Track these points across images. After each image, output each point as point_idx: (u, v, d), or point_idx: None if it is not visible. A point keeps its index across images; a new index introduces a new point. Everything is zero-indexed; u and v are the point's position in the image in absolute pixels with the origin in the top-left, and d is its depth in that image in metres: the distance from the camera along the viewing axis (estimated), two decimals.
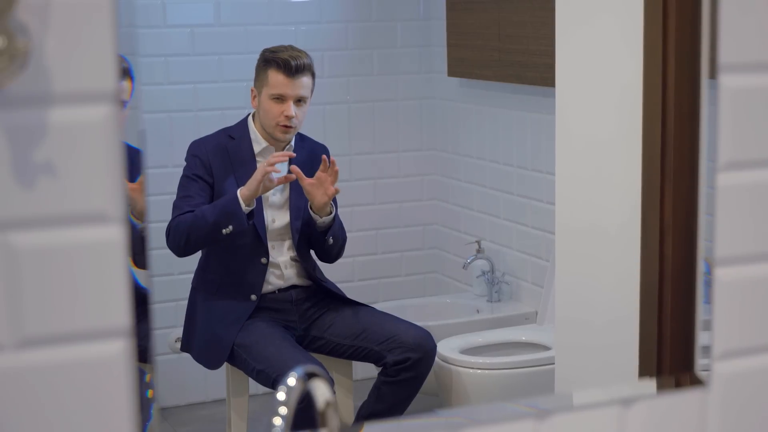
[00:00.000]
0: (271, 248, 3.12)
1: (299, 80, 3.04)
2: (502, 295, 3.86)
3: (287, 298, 3.15)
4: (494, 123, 3.87)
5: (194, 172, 3.06)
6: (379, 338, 3.09)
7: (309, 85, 3.07)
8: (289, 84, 3.03)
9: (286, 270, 3.15)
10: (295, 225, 3.10)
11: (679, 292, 1.43)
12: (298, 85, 3.04)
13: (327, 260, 3.19)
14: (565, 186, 1.89)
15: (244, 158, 3.09)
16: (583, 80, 1.82)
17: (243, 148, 3.10)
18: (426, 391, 3.12)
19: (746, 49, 1.32)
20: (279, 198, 3.13)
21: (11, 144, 1.00)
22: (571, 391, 1.82)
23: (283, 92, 3.04)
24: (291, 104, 3.03)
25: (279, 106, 3.04)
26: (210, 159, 3.07)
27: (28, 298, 1.02)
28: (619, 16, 1.68)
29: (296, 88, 3.04)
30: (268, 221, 3.11)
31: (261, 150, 3.10)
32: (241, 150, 3.09)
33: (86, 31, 1.01)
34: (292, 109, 3.03)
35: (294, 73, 3.03)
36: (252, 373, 3.03)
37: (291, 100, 3.03)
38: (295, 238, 3.11)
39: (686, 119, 1.40)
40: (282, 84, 3.03)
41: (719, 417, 1.38)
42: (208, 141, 3.12)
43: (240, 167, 3.07)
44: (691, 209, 1.40)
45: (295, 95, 3.04)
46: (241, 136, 3.11)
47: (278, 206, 3.12)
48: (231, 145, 3.10)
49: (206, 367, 3.15)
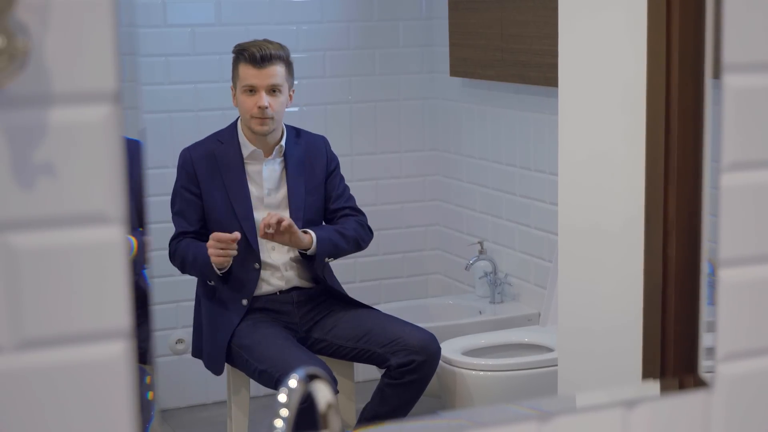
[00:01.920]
0: (270, 249, 3.11)
1: (268, 69, 3.04)
2: (505, 296, 3.86)
3: (288, 300, 3.15)
4: (497, 123, 3.86)
5: (182, 185, 3.11)
6: (382, 340, 3.07)
7: (282, 74, 3.06)
8: (257, 74, 3.04)
9: (287, 272, 3.14)
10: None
11: (683, 293, 1.42)
12: (267, 74, 3.04)
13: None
14: (567, 187, 1.88)
15: (233, 163, 3.10)
16: (586, 80, 1.81)
17: (231, 153, 3.10)
18: (428, 392, 3.11)
19: (750, 49, 1.32)
20: (275, 198, 3.12)
21: (11, 144, 0.99)
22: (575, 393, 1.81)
23: (252, 83, 3.04)
24: (263, 94, 3.04)
25: (252, 98, 3.05)
26: (196, 168, 3.08)
27: (27, 299, 1.02)
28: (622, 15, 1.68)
29: (265, 78, 3.04)
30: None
31: (249, 153, 3.10)
32: (229, 154, 3.10)
33: (86, 30, 1.01)
34: (264, 99, 3.03)
35: (261, 63, 3.04)
36: (254, 374, 3.02)
37: (262, 90, 3.04)
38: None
39: (690, 119, 1.39)
40: (251, 75, 3.05)
41: (723, 419, 1.38)
42: (197, 148, 3.13)
43: (228, 172, 3.08)
44: (695, 210, 1.40)
45: (265, 85, 3.04)
46: (230, 139, 3.12)
47: (275, 206, 3.11)
48: (219, 150, 3.11)
49: (213, 374, 3.15)
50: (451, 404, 3.16)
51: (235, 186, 3.07)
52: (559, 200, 1.91)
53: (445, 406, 3.19)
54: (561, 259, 1.91)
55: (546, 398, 1.53)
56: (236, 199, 3.07)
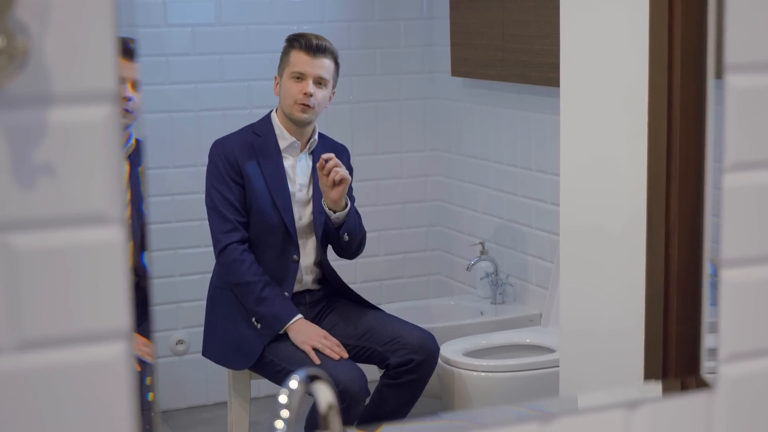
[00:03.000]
0: (302, 247, 3.11)
1: (320, 60, 3.05)
2: (506, 297, 3.85)
3: (301, 302, 3.15)
4: (498, 123, 3.86)
5: (225, 174, 3.05)
6: (383, 339, 3.08)
7: (331, 69, 3.07)
8: (309, 62, 3.04)
9: (306, 276, 3.14)
10: (318, 219, 3.09)
11: (685, 294, 1.42)
12: (319, 65, 3.05)
13: (347, 256, 3.18)
14: (569, 187, 1.88)
15: (271, 154, 3.08)
16: (587, 80, 1.81)
17: (269, 145, 3.09)
18: (429, 393, 3.11)
19: (753, 49, 1.31)
20: (304, 194, 3.12)
21: (10, 144, 0.99)
22: (576, 394, 1.81)
23: (303, 70, 3.04)
24: (310, 82, 3.03)
25: (298, 85, 3.04)
26: (237, 157, 3.05)
27: (27, 299, 1.02)
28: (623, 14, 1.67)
29: (316, 68, 3.04)
30: (295, 218, 3.09)
31: (287, 146, 3.09)
32: (267, 146, 3.08)
33: (86, 30, 1.00)
34: (311, 86, 3.03)
35: (315, 52, 3.04)
36: (280, 374, 2.99)
37: (310, 79, 3.04)
38: (318, 233, 3.10)
39: (692, 120, 1.39)
40: (303, 62, 3.04)
41: (725, 420, 1.37)
42: (232, 139, 3.10)
43: (267, 163, 3.06)
44: (697, 210, 1.39)
45: (315, 74, 3.04)
46: (266, 132, 3.10)
47: (304, 202, 3.11)
48: (257, 142, 3.09)
49: (234, 369, 3.13)
50: (452, 405, 3.15)
51: (275, 177, 3.06)
52: (561, 201, 1.90)
53: (446, 407, 3.18)
54: (563, 259, 1.91)
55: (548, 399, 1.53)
56: (275, 191, 3.06)
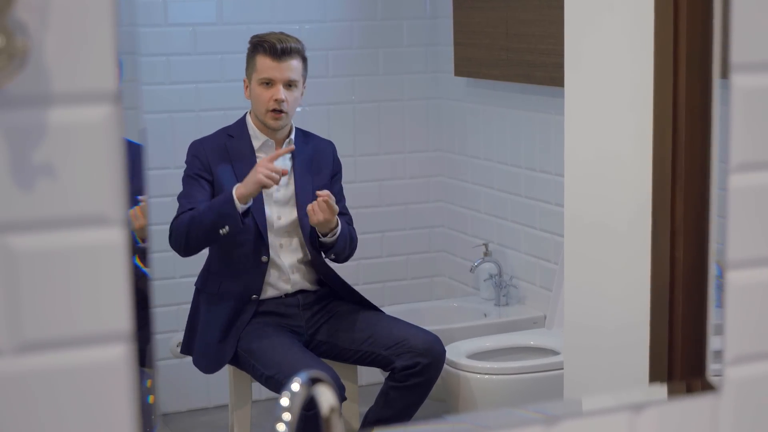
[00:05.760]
0: (278, 247, 3.10)
1: (286, 63, 3.03)
2: (510, 298, 3.85)
3: (294, 303, 3.14)
4: (502, 123, 3.85)
5: (194, 172, 3.06)
6: (387, 343, 3.06)
7: (299, 69, 3.05)
8: (276, 67, 3.02)
9: (293, 275, 3.13)
10: (304, 220, 3.07)
11: (691, 295, 1.41)
12: (286, 67, 3.03)
13: (335, 261, 3.18)
14: (573, 188, 1.87)
15: (244, 154, 3.08)
16: (592, 80, 1.80)
17: (242, 145, 3.09)
18: (433, 396, 3.10)
19: (759, 48, 1.31)
20: (284, 193, 3.10)
21: (10, 145, 0.99)
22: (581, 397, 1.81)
23: (271, 76, 3.02)
24: (280, 88, 3.02)
25: (268, 91, 3.03)
26: (209, 157, 3.06)
27: (27, 301, 1.01)
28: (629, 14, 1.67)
29: (284, 71, 3.03)
30: (273, 218, 3.08)
31: (260, 145, 3.09)
32: (240, 147, 3.08)
33: (86, 30, 1.00)
34: (281, 92, 3.02)
35: (281, 56, 3.02)
36: (260, 379, 3.01)
37: (280, 84, 3.02)
38: (305, 234, 3.09)
39: (697, 120, 1.38)
40: (270, 67, 3.03)
41: (731, 423, 1.37)
42: (207, 141, 3.12)
43: (240, 164, 3.06)
44: (703, 211, 1.39)
45: (283, 78, 3.02)
46: (240, 133, 3.11)
47: (284, 202, 3.10)
48: (230, 144, 3.09)
49: (203, 372, 3.13)
50: (456, 408, 3.15)
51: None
52: (565, 201, 1.90)
53: (450, 409, 3.18)
54: (567, 261, 1.90)
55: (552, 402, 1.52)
56: None
